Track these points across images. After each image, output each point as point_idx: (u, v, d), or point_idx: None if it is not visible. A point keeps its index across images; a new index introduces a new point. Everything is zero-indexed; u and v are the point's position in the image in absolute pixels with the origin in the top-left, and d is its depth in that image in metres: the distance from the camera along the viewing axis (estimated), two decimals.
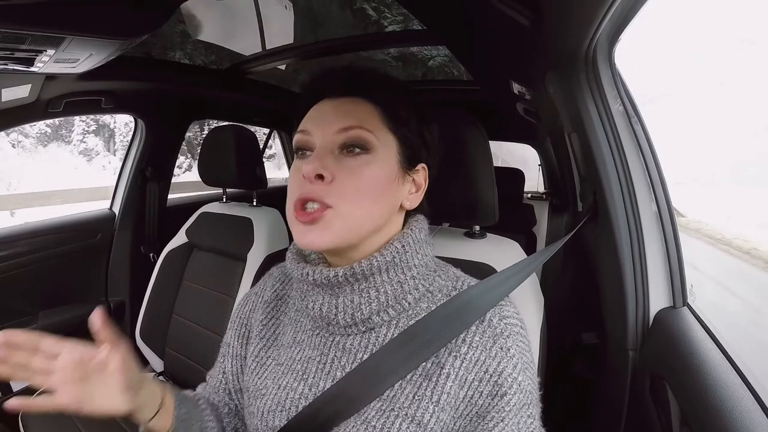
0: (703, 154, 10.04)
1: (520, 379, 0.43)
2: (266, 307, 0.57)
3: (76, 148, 7.28)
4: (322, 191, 0.43)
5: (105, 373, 0.41)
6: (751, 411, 0.44)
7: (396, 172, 0.47)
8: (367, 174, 0.44)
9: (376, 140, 0.45)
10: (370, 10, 5.50)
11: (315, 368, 0.49)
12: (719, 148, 10.81)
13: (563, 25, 0.62)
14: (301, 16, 1.32)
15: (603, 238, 0.76)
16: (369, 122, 0.45)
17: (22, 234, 1.31)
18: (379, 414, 0.44)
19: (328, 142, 0.45)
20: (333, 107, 0.47)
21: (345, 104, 0.46)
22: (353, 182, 0.44)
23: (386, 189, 0.46)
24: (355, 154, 0.44)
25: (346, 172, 0.44)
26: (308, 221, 0.43)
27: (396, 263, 0.47)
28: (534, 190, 2.51)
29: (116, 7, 0.82)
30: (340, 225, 0.43)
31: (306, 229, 0.43)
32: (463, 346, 0.45)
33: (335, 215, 0.43)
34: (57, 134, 7.23)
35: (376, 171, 0.45)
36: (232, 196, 1.33)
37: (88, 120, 7.08)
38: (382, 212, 0.46)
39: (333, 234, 0.43)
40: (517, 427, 0.41)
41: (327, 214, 0.43)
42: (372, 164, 0.45)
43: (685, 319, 0.64)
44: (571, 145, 1.01)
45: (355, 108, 0.46)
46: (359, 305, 0.46)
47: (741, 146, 10.48)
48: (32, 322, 1.31)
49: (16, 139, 6.88)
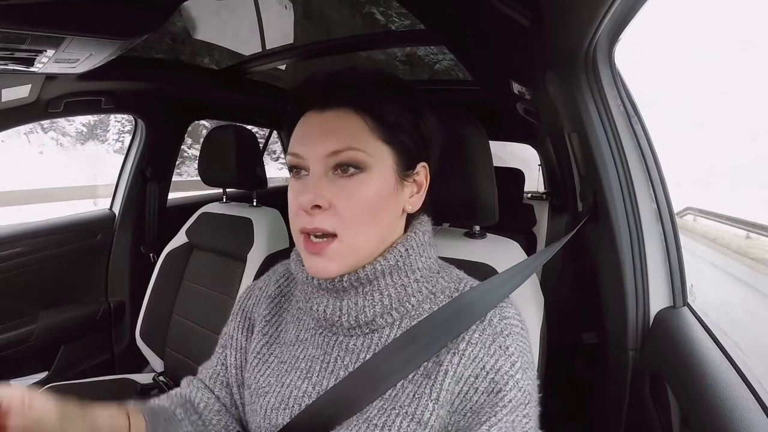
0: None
1: (517, 377, 0.43)
2: (269, 302, 0.57)
3: (111, 147, 7.35)
4: (321, 221, 0.43)
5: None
6: (752, 411, 0.44)
7: (394, 182, 0.46)
8: (364, 195, 0.44)
9: (369, 157, 0.44)
10: (378, 14, 5.54)
11: (319, 367, 0.49)
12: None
13: (563, 25, 0.63)
14: (316, 23, 1.34)
15: (603, 238, 0.76)
16: (359, 139, 0.44)
17: (22, 234, 1.32)
18: (380, 412, 0.44)
19: (321, 165, 0.44)
20: (320, 124, 0.45)
21: (332, 120, 0.45)
22: (351, 206, 0.43)
23: (386, 204, 0.46)
24: (350, 175, 0.44)
25: (343, 195, 0.43)
26: (316, 252, 0.44)
27: (400, 267, 0.47)
28: (534, 190, 2.51)
29: (116, 7, 0.83)
30: (346, 252, 0.44)
31: (315, 260, 0.45)
32: (462, 344, 0.45)
33: (340, 245, 0.44)
34: (92, 133, 7.33)
35: (372, 189, 0.44)
36: (232, 196, 1.33)
37: (122, 120, 7.15)
38: (383, 229, 0.46)
39: (340, 262, 0.44)
40: (511, 425, 0.41)
41: (333, 245, 0.44)
42: (368, 183, 0.44)
43: (686, 319, 0.64)
44: (571, 145, 1.01)
45: (343, 125, 0.44)
46: (363, 308, 0.46)
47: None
48: (32, 322, 1.31)
49: (56, 137, 6.99)
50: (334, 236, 0.44)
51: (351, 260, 0.45)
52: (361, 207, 0.44)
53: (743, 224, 4.11)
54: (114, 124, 7.40)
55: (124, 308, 1.55)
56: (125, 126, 7.14)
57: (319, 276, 0.45)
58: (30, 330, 1.29)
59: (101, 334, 1.51)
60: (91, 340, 1.47)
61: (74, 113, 1.33)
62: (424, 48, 4.91)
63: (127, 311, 1.55)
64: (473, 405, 0.43)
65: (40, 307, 1.35)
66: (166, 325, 1.21)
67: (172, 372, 1.18)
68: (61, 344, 1.38)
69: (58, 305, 1.39)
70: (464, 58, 1.21)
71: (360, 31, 5.28)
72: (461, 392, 0.43)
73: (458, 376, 0.44)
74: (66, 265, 1.42)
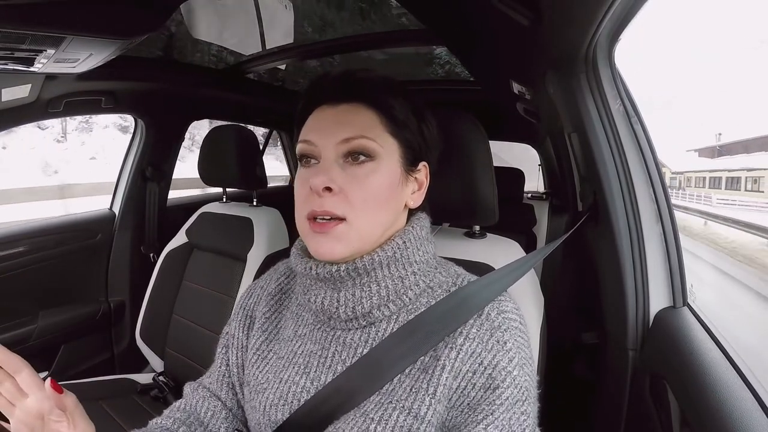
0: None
1: (515, 373, 0.43)
2: (270, 299, 0.57)
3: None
4: (331, 204, 0.44)
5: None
6: (751, 411, 0.44)
7: (399, 175, 0.48)
8: (373, 182, 0.46)
9: (379, 147, 0.46)
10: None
11: (317, 362, 0.49)
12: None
13: (563, 25, 0.63)
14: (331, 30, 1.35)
15: (603, 237, 0.76)
16: (371, 130, 0.46)
17: (22, 234, 1.31)
18: (377, 407, 0.44)
19: (332, 152, 0.46)
20: (333, 115, 0.47)
21: (345, 112, 0.47)
22: (361, 192, 0.45)
23: (392, 194, 0.47)
24: (360, 163, 0.46)
25: (353, 181, 0.45)
26: (323, 231, 0.45)
27: (397, 258, 0.48)
28: (534, 190, 2.51)
29: (116, 7, 0.83)
30: (353, 235, 0.45)
31: (321, 240, 0.45)
32: (460, 338, 0.45)
33: (348, 227, 0.45)
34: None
35: (381, 178, 0.46)
36: (232, 196, 1.33)
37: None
38: (389, 216, 0.48)
39: (346, 245, 0.45)
40: (508, 422, 0.41)
41: (340, 227, 0.45)
42: (377, 171, 0.46)
43: (685, 319, 0.64)
44: (571, 145, 1.01)
45: (356, 116, 0.47)
46: (360, 299, 0.47)
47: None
48: (32, 322, 1.31)
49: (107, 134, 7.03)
50: (343, 219, 0.45)
51: (356, 244, 0.46)
52: (370, 193, 0.45)
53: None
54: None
55: (124, 308, 1.55)
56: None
57: (324, 258, 0.46)
58: (30, 330, 1.29)
59: (101, 334, 1.51)
60: (91, 340, 1.47)
61: (74, 113, 1.33)
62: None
63: (127, 311, 1.55)
64: (470, 401, 0.43)
65: (40, 307, 1.35)
66: (166, 325, 1.21)
67: (172, 372, 1.18)
68: (61, 344, 1.38)
69: (58, 305, 1.39)
70: (464, 58, 1.21)
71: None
72: (459, 387, 0.44)
73: (456, 372, 0.44)
74: (66, 265, 1.42)
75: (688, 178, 7.00)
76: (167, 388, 1.14)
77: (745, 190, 3.68)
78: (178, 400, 0.58)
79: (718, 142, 5.05)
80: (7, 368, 0.40)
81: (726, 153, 4.81)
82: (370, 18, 1.30)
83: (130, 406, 1.08)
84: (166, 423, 0.54)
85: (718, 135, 5.14)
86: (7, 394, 0.40)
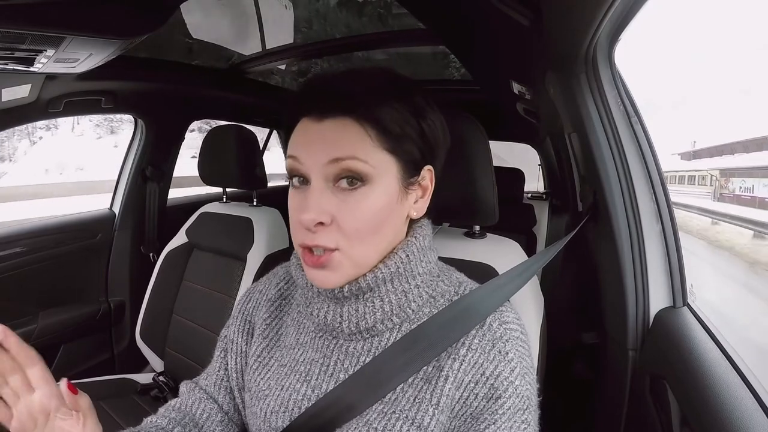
0: None
1: (517, 383, 0.43)
2: (270, 305, 0.57)
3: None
4: (324, 238, 0.42)
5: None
6: (751, 411, 0.44)
7: (397, 192, 0.44)
8: (367, 208, 0.42)
9: (371, 168, 0.42)
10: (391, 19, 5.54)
11: (318, 370, 0.49)
12: None
13: (563, 25, 0.62)
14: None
15: (603, 238, 0.76)
16: (361, 150, 0.41)
17: (22, 234, 1.31)
18: (380, 416, 0.44)
19: (321, 173, 0.42)
20: (318, 132, 0.42)
21: (331, 129, 0.42)
22: (354, 221, 0.42)
23: (389, 215, 0.44)
24: (353, 188, 0.42)
25: (345, 209, 0.42)
26: (317, 265, 0.43)
27: (400, 273, 0.46)
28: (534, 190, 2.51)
29: (116, 7, 0.83)
30: (348, 264, 0.44)
31: (316, 272, 0.44)
32: (462, 349, 0.45)
33: (342, 257, 0.43)
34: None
35: (376, 201, 0.42)
36: (232, 195, 1.33)
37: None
38: (387, 238, 0.46)
39: (341, 274, 0.44)
40: (509, 431, 0.42)
41: (334, 257, 0.43)
42: (370, 195, 0.42)
43: (685, 319, 0.64)
44: (571, 145, 1.01)
45: (344, 134, 0.41)
46: (364, 315, 0.46)
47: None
48: (32, 322, 1.31)
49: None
50: (336, 249, 0.43)
51: (352, 271, 0.44)
52: (363, 221, 0.42)
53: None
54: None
55: (124, 308, 1.55)
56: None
57: (320, 287, 0.46)
58: (30, 330, 1.29)
59: (101, 334, 1.51)
60: (91, 340, 1.47)
61: (74, 113, 1.33)
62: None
63: (127, 311, 1.55)
64: (473, 411, 0.43)
65: (40, 307, 1.35)
66: (166, 324, 1.21)
67: (172, 372, 1.18)
68: (61, 344, 1.38)
69: (58, 305, 1.39)
70: (464, 58, 1.21)
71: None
72: (461, 398, 0.44)
73: (458, 382, 0.44)
74: (66, 265, 1.42)
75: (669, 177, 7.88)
76: (167, 388, 1.14)
77: (697, 185, 4.94)
78: (174, 399, 0.58)
79: (693, 147, 6.35)
80: (20, 360, 0.40)
81: (697, 157, 6.02)
82: (388, 23, 1.30)
83: (130, 406, 1.08)
84: (161, 422, 0.54)
85: (694, 142, 6.55)
86: (14, 386, 0.40)
